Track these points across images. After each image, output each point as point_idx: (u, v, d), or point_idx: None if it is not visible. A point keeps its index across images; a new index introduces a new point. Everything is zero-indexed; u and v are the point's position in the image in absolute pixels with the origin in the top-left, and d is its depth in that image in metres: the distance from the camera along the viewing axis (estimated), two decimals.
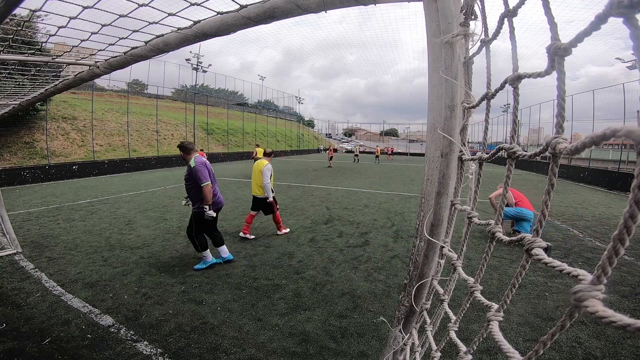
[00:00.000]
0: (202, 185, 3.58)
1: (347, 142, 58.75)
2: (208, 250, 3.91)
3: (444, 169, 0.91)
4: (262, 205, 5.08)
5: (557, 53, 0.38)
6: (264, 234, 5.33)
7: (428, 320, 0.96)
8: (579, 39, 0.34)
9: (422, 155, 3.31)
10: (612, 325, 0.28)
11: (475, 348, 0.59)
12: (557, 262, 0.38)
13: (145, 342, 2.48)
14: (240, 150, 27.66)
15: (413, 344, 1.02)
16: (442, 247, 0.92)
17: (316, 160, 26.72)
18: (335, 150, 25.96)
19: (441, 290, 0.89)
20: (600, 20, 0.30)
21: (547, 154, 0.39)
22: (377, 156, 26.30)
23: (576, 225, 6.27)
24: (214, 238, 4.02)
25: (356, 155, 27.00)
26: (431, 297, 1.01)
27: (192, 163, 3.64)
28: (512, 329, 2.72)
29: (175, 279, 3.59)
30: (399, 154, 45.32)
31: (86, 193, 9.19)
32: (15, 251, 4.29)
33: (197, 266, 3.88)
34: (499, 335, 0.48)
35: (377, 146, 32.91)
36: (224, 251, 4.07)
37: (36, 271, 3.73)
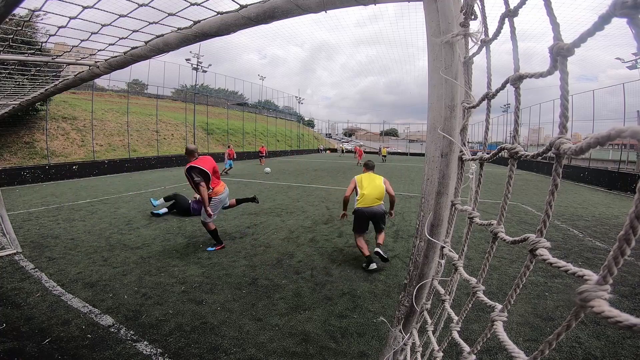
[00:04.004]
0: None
1: (347, 142, 58.80)
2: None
3: (444, 169, 0.91)
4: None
5: (560, 53, 0.38)
6: (264, 234, 5.33)
7: (429, 320, 0.96)
8: (582, 39, 0.34)
9: (422, 155, 3.27)
10: (618, 325, 0.28)
11: (479, 348, 0.59)
12: (562, 263, 0.38)
13: (145, 342, 2.47)
14: (240, 150, 27.64)
15: (413, 343, 1.02)
16: (443, 247, 0.92)
17: (316, 160, 26.72)
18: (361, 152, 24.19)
19: (442, 291, 0.89)
20: (603, 21, 0.30)
21: (550, 154, 0.39)
22: (384, 156, 26.55)
23: (576, 225, 6.27)
24: None
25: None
26: (431, 297, 1.01)
27: None
28: (512, 329, 2.72)
29: (175, 279, 3.59)
30: (399, 154, 45.32)
31: (86, 193, 9.18)
32: (15, 251, 4.28)
33: None
34: (503, 336, 0.48)
35: (381, 146, 33.48)
36: None
37: (36, 271, 3.73)
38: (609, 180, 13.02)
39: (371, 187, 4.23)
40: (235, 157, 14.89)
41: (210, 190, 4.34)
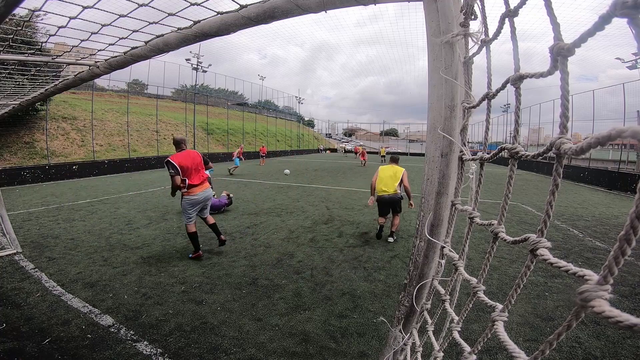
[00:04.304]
0: None
1: (347, 142, 58.82)
2: None
3: (444, 169, 0.91)
4: None
5: (561, 53, 0.37)
6: (264, 234, 5.33)
7: (429, 320, 0.96)
8: (582, 39, 0.34)
9: (422, 155, 3.30)
10: (619, 325, 0.28)
11: (479, 348, 0.59)
12: (562, 263, 0.38)
13: (145, 342, 2.47)
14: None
15: (414, 343, 1.02)
16: (443, 247, 0.92)
17: (316, 160, 26.72)
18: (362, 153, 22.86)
19: (442, 291, 0.89)
20: (604, 21, 0.30)
21: (551, 154, 0.39)
22: (382, 156, 26.38)
23: (576, 225, 6.27)
24: None
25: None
26: (431, 297, 1.01)
27: None
28: (512, 329, 2.72)
29: (175, 279, 3.59)
30: (399, 154, 45.34)
31: (86, 193, 9.18)
32: (15, 251, 4.28)
33: None
34: (504, 336, 0.48)
35: (380, 147, 33.55)
36: None
37: (36, 271, 3.73)
38: (609, 180, 13.02)
39: (384, 178, 4.97)
40: (237, 156, 15.08)
41: (185, 190, 4.04)
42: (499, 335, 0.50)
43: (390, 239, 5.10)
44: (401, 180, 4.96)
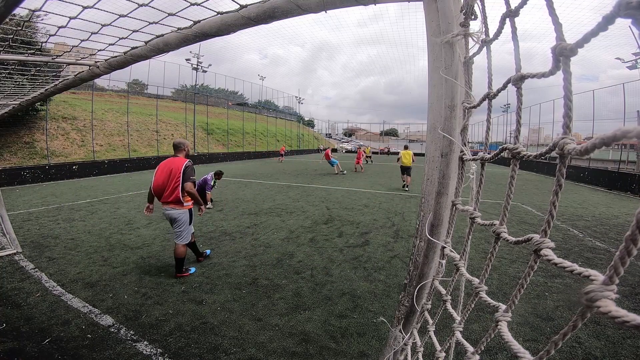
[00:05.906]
0: None
1: (347, 142, 58.81)
2: None
3: (444, 169, 0.91)
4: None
5: (563, 53, 0.37)
6: (264, 234, 5.32)
7: (430, 321, 0.96)
8: (586, 39, 0.34)
9: (422, 155, 3.29)
10: (625, 325, 0.27)
11: (482, 348, 0.58)
12: (567, 263, 0.38)
13: (145, 342, 2.47)
14: (240, 150, 27.65)
15: (414, 344, 1.02)
16: (444, 247, 0.92)
17: (316, 160, 26.71)
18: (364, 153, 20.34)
19: (443, 291, 0.89)
20: (607, 21, 0.30)
21: (554, 154, 0.39)
22: (368, 156, 25.90)
23: (576, 225, 6.27)
24: None
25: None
26: (432, 298, 1.01)
27: None
28: (512, 329, 2.71)
29: (175, 279, 3.59)
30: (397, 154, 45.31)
31: (86, 193, 9.18)
32: (15, 251, 4.28)
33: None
34: (508, 336, 0.48)
35: (368, 146, 33.01)
36: None
37: (36, 271, 3.73)
38: (609, 180, 13.02)
39: (404, 156, 10.86)
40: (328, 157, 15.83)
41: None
42: (503, 336, 0.50)
43: (406, 189, 10.53)
44: (411, 157, 10.84)
